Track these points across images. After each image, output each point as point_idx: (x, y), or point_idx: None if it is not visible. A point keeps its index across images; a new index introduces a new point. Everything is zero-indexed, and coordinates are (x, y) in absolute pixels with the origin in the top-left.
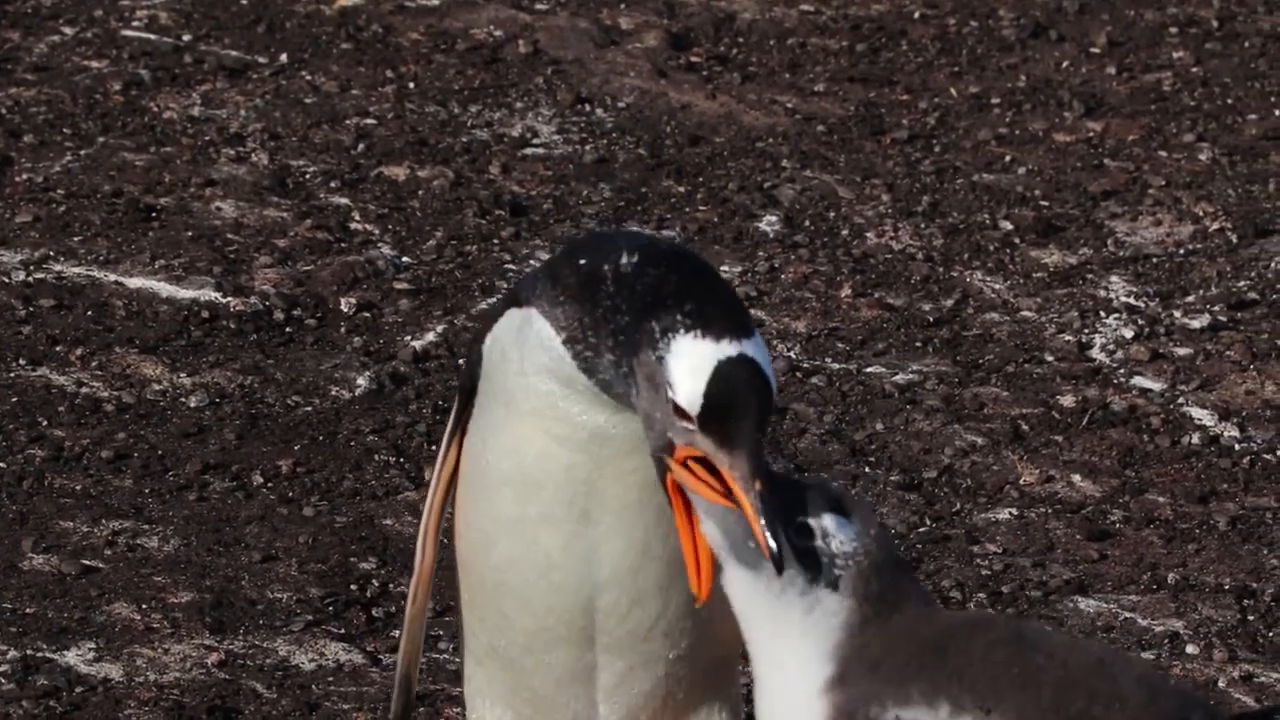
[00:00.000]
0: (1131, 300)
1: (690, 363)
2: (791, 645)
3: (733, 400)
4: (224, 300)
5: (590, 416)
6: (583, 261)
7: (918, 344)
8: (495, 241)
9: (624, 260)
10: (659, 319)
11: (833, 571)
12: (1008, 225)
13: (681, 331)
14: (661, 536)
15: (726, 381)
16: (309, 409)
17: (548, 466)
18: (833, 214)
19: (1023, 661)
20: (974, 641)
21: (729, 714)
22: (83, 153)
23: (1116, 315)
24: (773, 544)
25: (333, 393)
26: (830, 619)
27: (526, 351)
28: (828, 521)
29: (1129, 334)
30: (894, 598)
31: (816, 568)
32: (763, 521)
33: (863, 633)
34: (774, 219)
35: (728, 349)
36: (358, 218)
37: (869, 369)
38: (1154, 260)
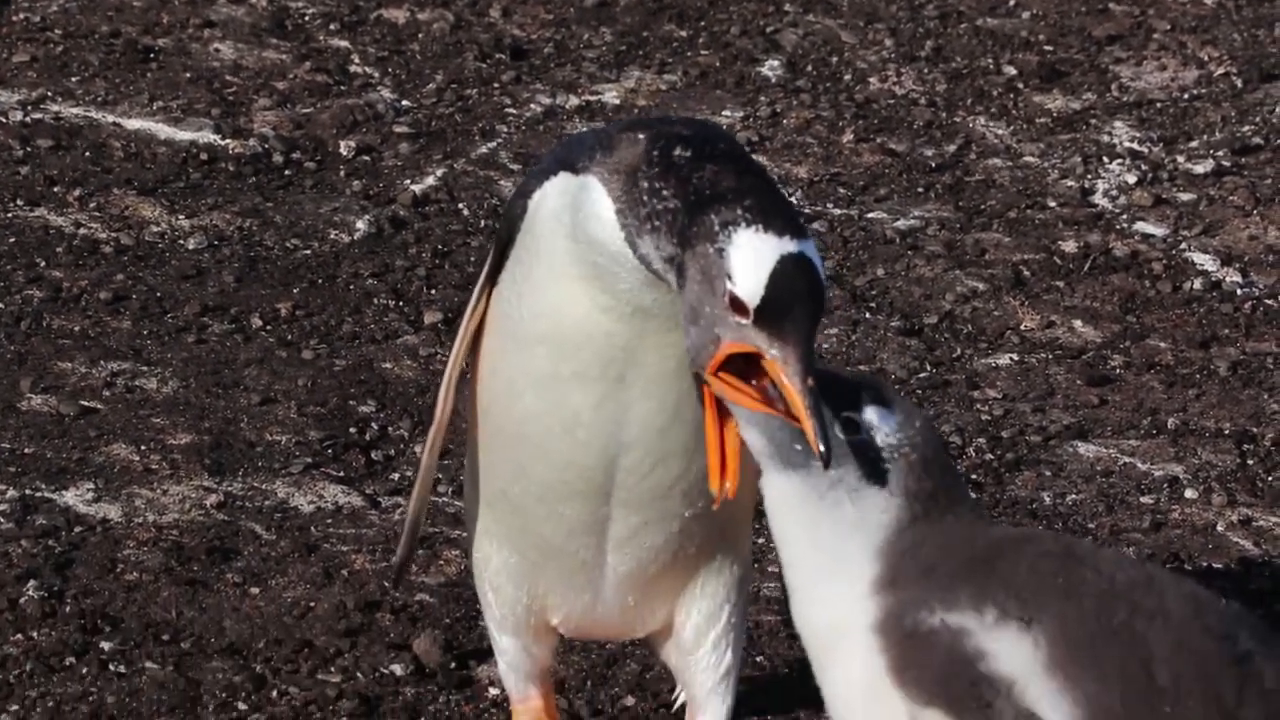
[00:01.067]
0: (1135, 145)
1: (752, 256)
2: (837, 547)
3: (792, 295)
4: (223, 142)
5: (636, 295)
6: (643, 139)
7: (920, 189)
8: (495, 85)
9: (679, 150)
10: (719, 212)
11: (881, 466)
12: (1011, 70)
13: (744, 225)
14: (694, 401)
15: (787, 277)
16: (308, 252)
17: (588, 330)
18: (835, 59)
19: (1068, 573)
20: (1023, 553)
21: (739, 568)
22: None
23: (1120, 161)
24: (822, 442)
25: (332, 236)
26: (878, 515)
27: (580, 219)
28: (872, 414)
29: (1132, 179)
30: (944, 499)
31: (864, 463)
32: (813, 419)
33: (911, 531)
34: (776, 64)
35: (789, 245)
36: (357, 60)
37: (870, 214)
38: (1158, 105)
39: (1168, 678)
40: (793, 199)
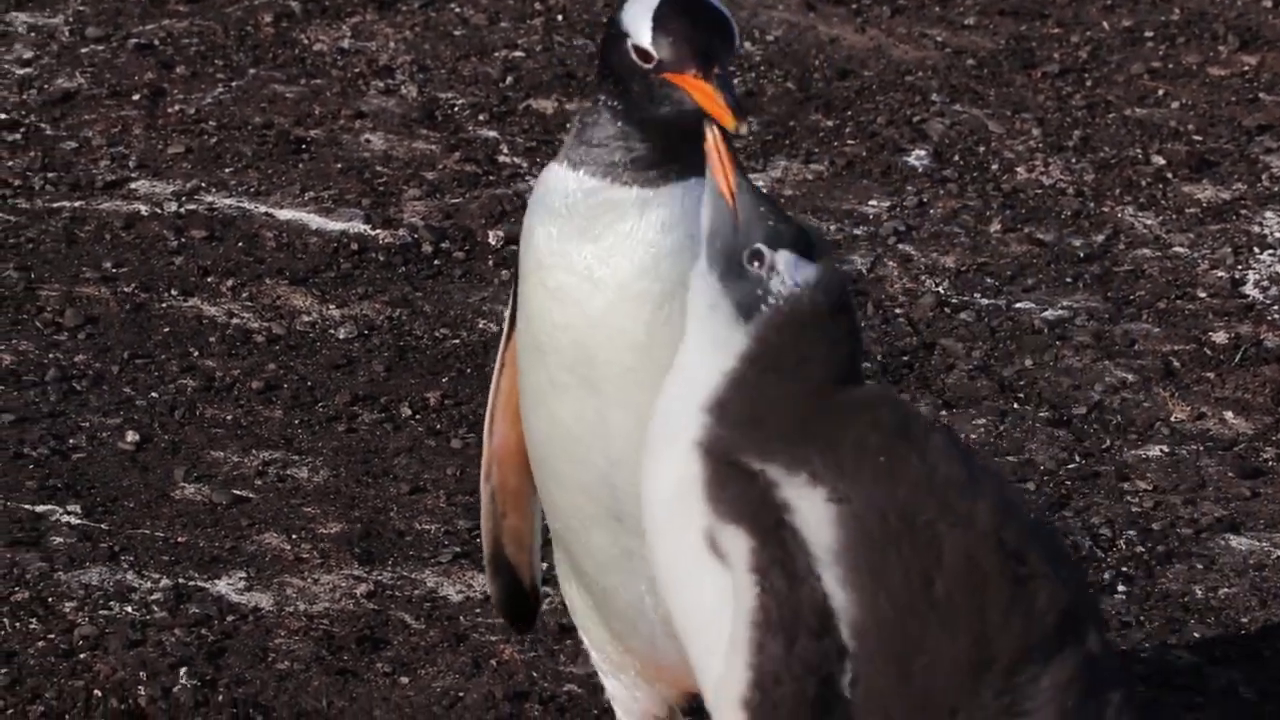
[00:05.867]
0: None
1: (640, 9)
2: (699, 358)
3: (680, 12)
4: (373, 232)
5: (580, 253)
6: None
7: (1068, 280)
8: None
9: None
10: (618, 19)
11: (758, 304)
12: (1160, 160)
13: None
14: None
15: (671, 3)
16: (456, 341)
17: (546, 327)
18: (982, 148)
19: (892, 454)
20: (854, 423)
21: None
22: (234, 84)
23: (1271, 251)
24: (731, 106)
25: (480, 325)
26: (735, 344)
27: (532, 204)
28: (781, 259)
29: None
30: (803, 362)
31: (745, 293)
32: (722, 97)
33: (758, 373)
34: (923, 153)
35: None
36: (506, 150)
37: (1018, 305)
38: None
39: (944, 591)
40: (938, 286)
